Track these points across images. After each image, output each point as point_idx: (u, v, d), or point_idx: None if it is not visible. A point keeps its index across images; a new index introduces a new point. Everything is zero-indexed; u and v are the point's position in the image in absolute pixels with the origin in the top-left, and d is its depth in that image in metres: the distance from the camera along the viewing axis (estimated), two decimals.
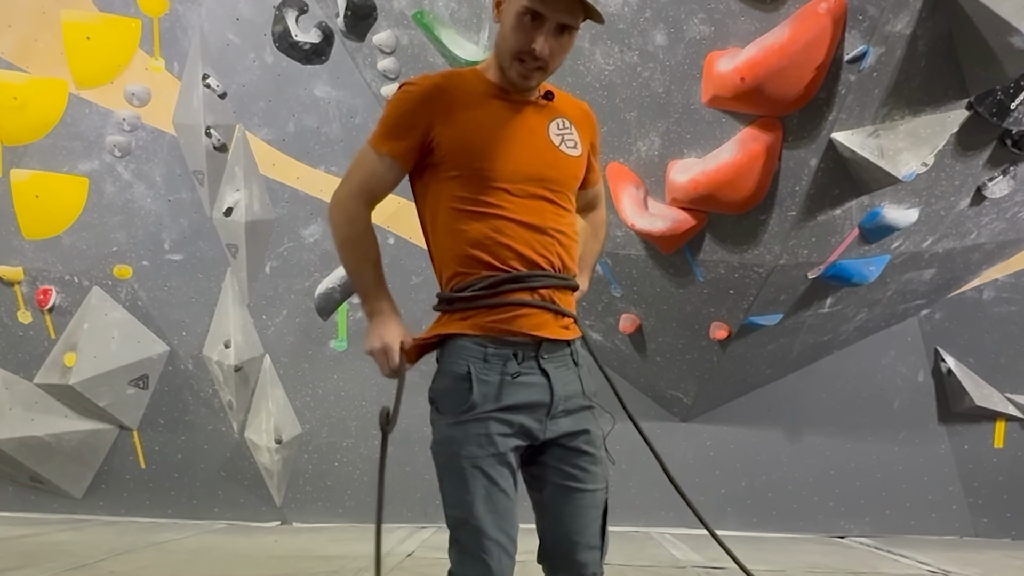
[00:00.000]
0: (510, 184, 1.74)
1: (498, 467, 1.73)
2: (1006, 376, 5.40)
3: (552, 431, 1.78)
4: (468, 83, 1.79)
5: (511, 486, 1.75)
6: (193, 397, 5.60)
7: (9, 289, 5.52)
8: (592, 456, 1.82)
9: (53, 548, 4.62)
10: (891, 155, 4.00)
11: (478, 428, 1.72)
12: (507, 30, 1.72)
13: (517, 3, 1.69)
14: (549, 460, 1.81)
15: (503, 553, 1.72)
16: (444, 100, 1.75)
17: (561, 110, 1.86)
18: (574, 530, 1.80)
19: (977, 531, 5.46)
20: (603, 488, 1.84)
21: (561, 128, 1.83)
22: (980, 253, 4.91)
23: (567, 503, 1.80)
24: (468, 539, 1.71)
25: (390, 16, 4.89)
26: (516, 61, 1.72)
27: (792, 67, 3.82)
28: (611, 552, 1.89)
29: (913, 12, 3.71)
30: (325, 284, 5.50)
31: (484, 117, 1.76)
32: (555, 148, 1.80)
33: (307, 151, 5.40)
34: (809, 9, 3.76)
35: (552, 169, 1.79)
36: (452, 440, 1.72)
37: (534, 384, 1.75)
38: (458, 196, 1.75)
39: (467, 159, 1.74)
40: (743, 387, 5.38)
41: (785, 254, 4.44)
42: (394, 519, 5.55)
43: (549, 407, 1.76)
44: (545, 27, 1.69)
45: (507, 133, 1.76)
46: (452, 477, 1.74)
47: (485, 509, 1.70)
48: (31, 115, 5.36)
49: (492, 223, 1.74)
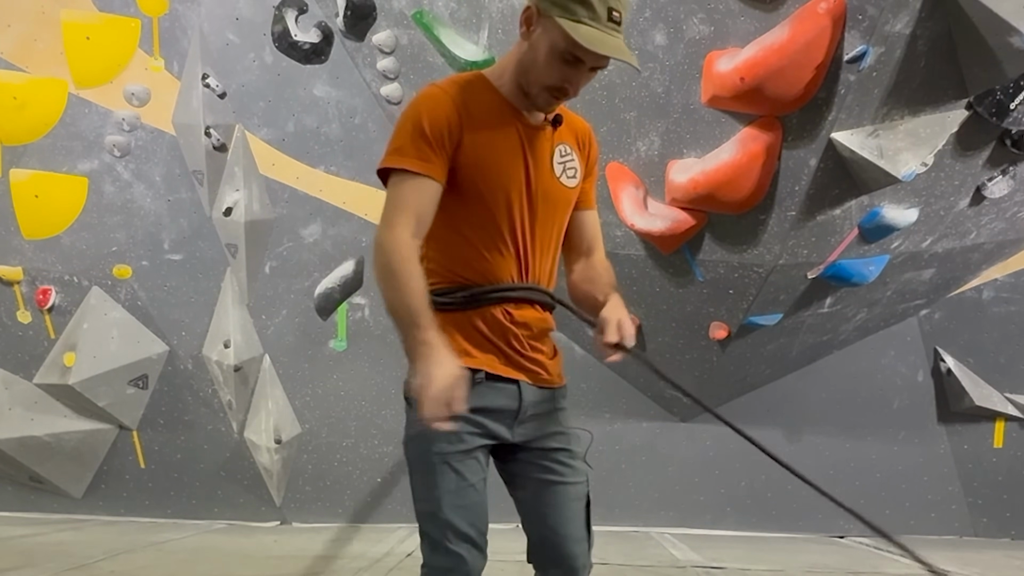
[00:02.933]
0: (509, 214, 1.75)
1: (467, 462, 1.74)
2: (1005, 376, 5.41)
3: (521, 435, 1.81)
4: (483, 97, 1.76)
5: (481, 481, 1.77)
6: (193, 397, 5.60)
7: (9, 289, 5.52)
8: (569, 451, 1.84)
9: (53, 548, 4.62)
10: (891, 155, 4.00)
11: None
12: (540, 60, 1.69)
13: (554, 39, 1.65)
14: (526, 458, 1.83)
15: (472, 546, 1.74)
16: (465, 115, 1.72)
17: (565, 135, 1.85)
18: (559, 524, 1.81)
19: (976, 531, 5.46)
20: (583, 481, 1.85)
21: (563, 156, 1.83)
22: (979, 253, 4.91)
23: (549, 498, 1.82)
24: (437, 532, 1.74)
25: (390, 16, 4.89)
26: (544, 91, 1.72)
27: (792, 67, 3.82)
28: (611, 552, 1.90)
29: (913, 12, 3.71)
30: (325, 284, 5.50)
31: (498, 139, 1.75)
32: (555, 179, 1.81)
33: (307, 151, 5.40)
34: (809, 9, 3.76)
35: (548, 201, 1.80)
36: (423, 436, 1.71)
37: (503, 389, 1.77)
38: (453, 211, 1.75)
39: (473, 178, 1.73)
40: (743, 387, 5.38)
41: (785, 254, 4.44)
42: (394, 519, 5.54)
43: (517, 412, 1.78)
44: (581, 68, 1.69)
45: (517, 161, 1.76)
46: (422, 472, 1.76)
47: (453, 503, 1.72)
48: (31, 115, 5.36)
49: (479, 246, 1.75)
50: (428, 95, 1.74)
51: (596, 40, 1.61)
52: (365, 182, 5.36)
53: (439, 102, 1.72)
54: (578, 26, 1.61)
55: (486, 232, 1.75)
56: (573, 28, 1.61)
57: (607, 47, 1.63)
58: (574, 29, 1.61)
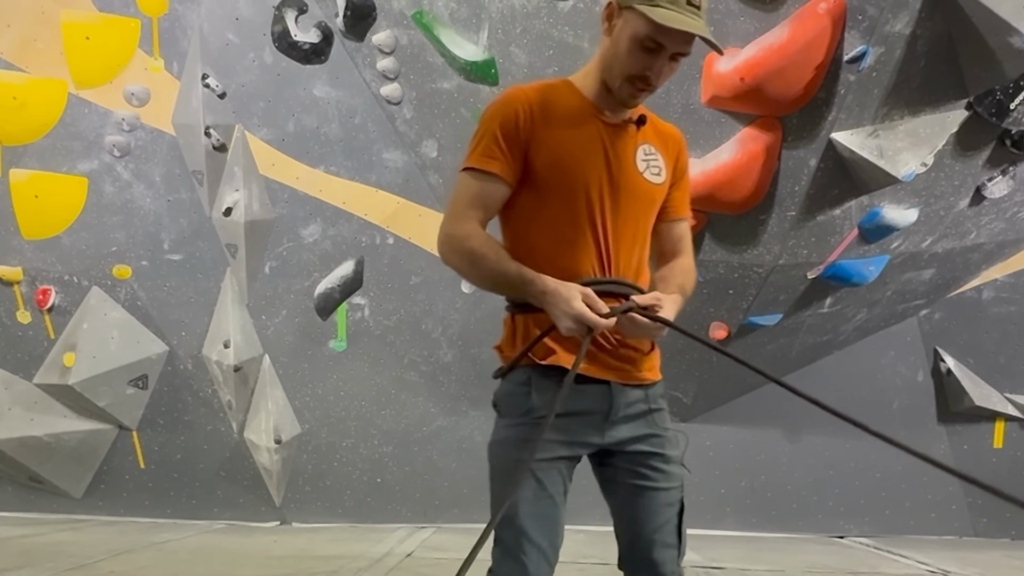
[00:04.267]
0: (590, 210, 1.75)
1: (549, 472, 1.73)
2: (1005, 376, 5.40)
3: (613, 437, 1.78)
4: (565, 99, 1.79)
5: (560, 493, 1.76)
6: (192, 397, 5.60)
7: (8, 289, 5.52)
8: (663, 456, 1.81)
9: (52, 548, 4.62)
10: (890, 155, 4.00)
11: (533, 433, 1.71)
12: (622, 51, 1.71)
13: (634, 27, 1.68)
14: (619, 463, 1.81)
15: (542, 559, 1.72)
16: (543, 117, 1.75)
17: (650, 136, 1.86)
18: (649, 529, 1.79)
19: (976, 531, 5.46)
20: (676, 487, 1.82)
21: (647, 154, 1.83)
22: (979, 253, 4.91)
23: (639, 504, 1.80)
24: (511, 539, 1.72)
25: (389, 16, 4.89)
26: (627, 82, 1.73)
27: (792, 67, 3.82)
28: (611, 552, 1.89)
29: (913, 12, 3.71)
30: (325, 284, 5.50)
31: (579, 137, 1.76)
32: (639, 174, 1.81)
33: (306, 151, 5.40)
34: (808, 9, 3.76)
35: (632, 196, 1.80)
36: (507, 441, 1.73)
37: (592, 391, 1.76)
38: (536, 215, 1.76)
39: (556, 177, 1.75)
40: (743, 387, 5.38)
41: (785, 254, 4.44)
42: (394, 519, 5.56)
43: (607, 413, 1.76)
44: (662, 55, 1.71)
45: (597, 157, 1.76)
46: (503, 477, 1.76)
47: (531, 512, 1.71)
48: (30, 115, 5.36)
49: (560, 242, 1.75)
50: (503, 96, 1.79)
51: (675, 19, 1.65)
52: (365, 182, 5.36)
53: (511, 102, 1.76)
54: (657, 9, 1.65)
55: (567, 228, 1.76)
56: (653, 11, 1.64)
57: (685, 25, 1.65)
58: (654, 12, 1.64)
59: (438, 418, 5.57)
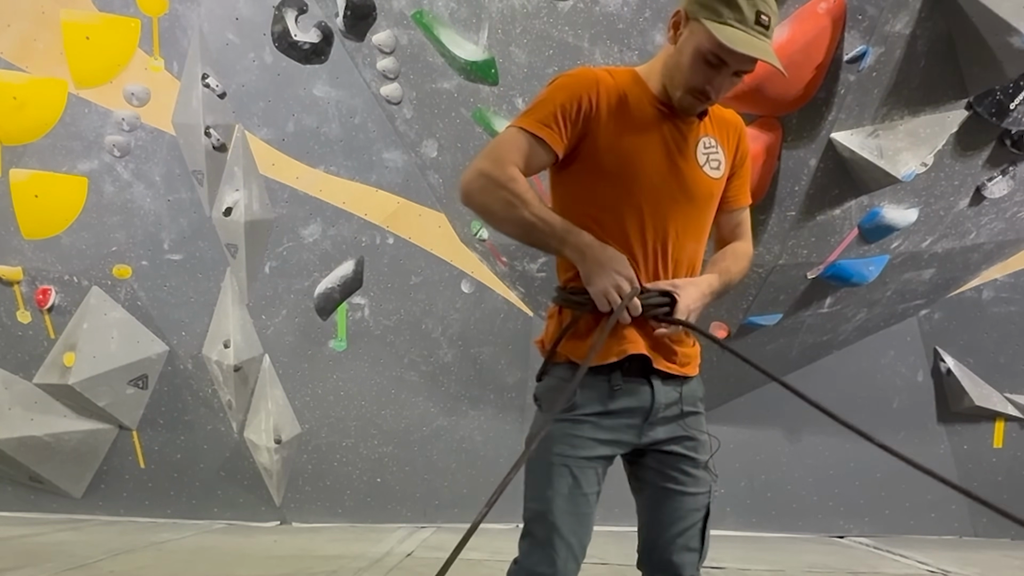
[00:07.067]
0: (646, 201, 1.75)
1: (586, 470, 1.74)
2: (1005, 376, 5.40)
3: (650, 437, 1.79)
4: (631, 86, 1.78)
5: (594, 492, 1.76)
6: (192, 397, 5.60)
7: (8, 289, 5.52)
8: (694, 460, 1.82)
9: (52, 548, 4.61)
10: (890, 155, 4.00)
11: (574, 429, 1.73)
12: (685, 62, 1.70)
13: (699, 41, 1.67)
14: (650, 463, 1.82)
15: (570, 555, 1.72)
16: (606, 98, 1.73)
17: (711, 128, 1.84)
18: (672, 532, 1.79)
19: (976, 531, 5.46)
20: (704, 492, 1.83)
21: (707, 147, 1.82)
22: (979, 253, 4.91)
23: (667, 506, 1.80)
24: (542, 533, 1.72)
25: (389, 16, 4.89)
26: (687, 93, 1.73)
27: (792, 67, 3.80)
28: (611, 552, 1.89)
29: (912, 12, 3.71)
30: (325, 284, 5.50)
31: (642, 126, 1.75)
32: (698, 168, 1.80)
33: (306, 151, 5.40)
34: (809, 9, 3.76)
35: (690, 191, 1.79)
36: (547, 435, 1.72)
37: (635, 392, 1.76)
38: (591, 198, 1.75)
39: (615, 163, 1.73)
40: (743, 387, 5.38)
41: (785, 254, 4.44)
42: (394, 519, 5.56)
43: (648, 413, 1.77)
44: (724, 71, 1.70)
45: (658, 148, 1.75)
46: (539, 471, 1.75)
47: (565, 508, 1.71)
48: (30, 115, 5.36)
49: (618, 236, 1.74)
50: (574, 71, 1.78)
51: (740, 41, 1.63)
52: (365, 182, 5.36)
53: (580, 80, 1.74)
54: (724, 27, 1.63)
55: (616, 214, 1.75)
56: (719, 29, 1.63)
57: (750, 47, 1.64)
58: (719, 30, 1.62)
59: (438, 418, 5.57)
